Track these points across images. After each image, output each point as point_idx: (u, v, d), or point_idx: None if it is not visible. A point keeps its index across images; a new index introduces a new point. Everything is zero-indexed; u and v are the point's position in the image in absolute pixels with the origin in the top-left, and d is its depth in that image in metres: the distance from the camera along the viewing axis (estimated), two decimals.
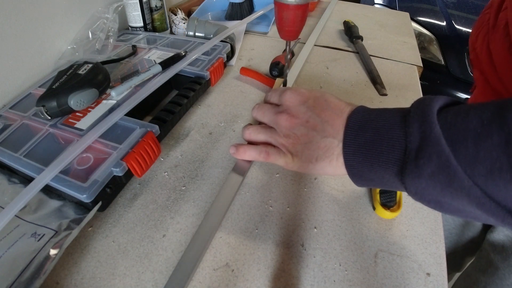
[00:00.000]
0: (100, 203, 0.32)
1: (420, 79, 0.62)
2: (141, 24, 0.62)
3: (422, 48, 1.52)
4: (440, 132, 0.21)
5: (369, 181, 0.26)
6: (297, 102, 0.30)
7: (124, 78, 0.46)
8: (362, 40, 0.71)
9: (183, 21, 0.70)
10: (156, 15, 0.64)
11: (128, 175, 0.34)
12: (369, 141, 0.25)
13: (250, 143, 0.35)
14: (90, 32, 0.54)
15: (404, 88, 0.57)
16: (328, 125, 0.28)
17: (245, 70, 0.58)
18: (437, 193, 0.22)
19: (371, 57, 0.65)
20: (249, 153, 0.34)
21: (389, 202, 0.34)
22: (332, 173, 0.29)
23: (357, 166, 0.26)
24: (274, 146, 0.33)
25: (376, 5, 1.94)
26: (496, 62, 0.44)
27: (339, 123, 0.27)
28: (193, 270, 0.28)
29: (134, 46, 0.56)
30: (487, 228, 0.57)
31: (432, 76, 1.46)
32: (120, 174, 0.33)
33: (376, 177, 0.25)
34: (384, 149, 0.24)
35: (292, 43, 0.67)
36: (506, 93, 0.43)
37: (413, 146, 0.22)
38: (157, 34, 0.62)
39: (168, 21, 0.68)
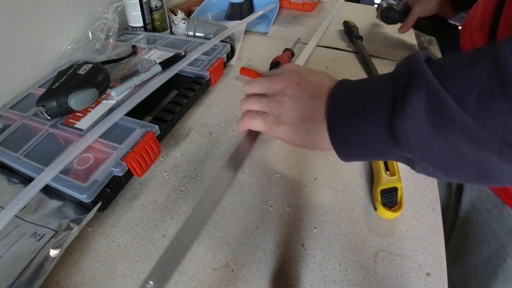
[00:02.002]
0: (100, 203, 0.32)
1: None
2: (141, 24, 0.62)
3: (422, 48, 1.52)
4: (428, 68, 0.21)
5: (353, 148, 0.25)
6: (292, 69, 0.32)
7: (124, 78, 0.46)
8: (362, 40, 0.71)
9: (183, 21, 0.70)
10: (156, 15, 0.64)
11: (128, 175, 0.34)
12: (355, 96, 0.24)
13: None
14: (90, 32, 0.54)
15: None
16: (317, 88, 0.28)
17: (245, 70, 0.58)
18: (429, 134, 0.20)
19: (371, 57, 0.65)
20: (240, 123, 0.33)
21: (391, 202, 0.34)
22: (315, 143, 0.28)
23: (341, 126, 0.25)
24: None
25: (376, 5, 1.94)
26: (473, 32, 0.50)
27: (328, 86, 0.28)
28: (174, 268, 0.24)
29: (134, 46, 0.56)
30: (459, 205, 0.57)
31: None
32: (120, 174, 0.33)
33: (361, 139, 0.24)
34: (372, 100, 0.23)
35: (293, 43, 0.67)
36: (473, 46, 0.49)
37: (401, 84, 0.22)
38: (157, 34, 0.62)
39: (168, 21, 0.68)
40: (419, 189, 0.38)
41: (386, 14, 0.69)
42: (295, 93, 0.29)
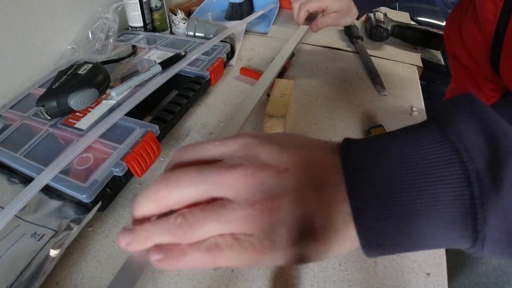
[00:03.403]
0: (100, 203, 0.32)
1: (420, 79, 0.62)
2: (141, 24, 0.62)
3: (422, 48, 1.52)
4: None
5: (394, 248, 0.16)
6: (258, 144, 0.18)
7: (124, 78, 0.46)
8: (362, 40, 0.71)
9: (183, 21, 0.70)
10: (156, 15, 0.64)
11: (128, 175, 0.34)
12: (392, 180, 0.15)
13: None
14: (90, 32, 0.54)
15: (404, 88, 0.57)
16: (320, 167, 0.17)
17: (245, 70, 0.58)
18: None
19: (371, 57, 0.65)
20: (191, 258, 0.17)
21: None
22: (343, 251, 0.17)
23: (378, 229, 0.15)
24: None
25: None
26: (465, 38, 0.47)
27: (334, 161, 0.17)
28: None
29: (134, 46, 0.56)
30: None
31: (432, 76, 1.46)
32: (120, 174, 0.33)
33: (413, 238, 0.15)
34: (427, 185, 0.15)
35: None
36: (474, 64, 0.46)
37: (480, 163, 0.14)
38: (157, 34, 0.62)
39: (168, 21, 0.68)
40: None
41: (375, 33, 0.71)
42: (292, 189, 0.16)
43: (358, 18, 0.57)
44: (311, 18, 0.58)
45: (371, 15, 0.74)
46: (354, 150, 0.17)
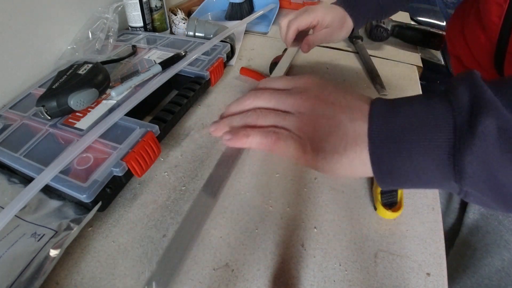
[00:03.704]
0: (100, 203, 0.32)
1: (420, 79, 0.62)
2: (141, 24, 0.62)
3: (422, 48, 1.52)
4: (494, 96, 0.19)
5: (399, 178, 0.22)
6: (317, 84, 0.27)
7: (124, 78, 0.46)
8: (362, 40, 0.71)
9: (183, 21, 0.70)
10: (156, 15, 0.64)
11: (128, 175, 0.34)
12: (402, 122, 0.21)
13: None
14: (90, 32, 0.54)
15: (404, 88, 0.57)
16: (356, 108, 0.24)
17: (245, 70, 0.58)
18: (499, 169, 0.18)
19: (371, 57, 0.65)
20: (253, 138, 0.26)
21: (391, 202, 0.34)
22: (355, 172, 0.23)
23: (387, 157, 0.21)
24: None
25: None
26: (468, 40, 0.47)
27: (365, 107, 0.24)
28: None
29: (134, 46, 0.56)
30: (464, 210, 0.57)
31: (431, 76, 1.46)
32: (120, 174, 0.33)
33: (411, 171, 0.21)
34: (426, 128, 0.20)
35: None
36: (477, 66, 0.46)
37: (463, 113, 0.19)
38: (157, 34, 0.62)
39: (168, 21, 0.68)
40: (419, 189, 0.38)
41: (375, 33, 0.71)
42: (333, 115, 0.24)
43: (352, 32, 0.52)
44: (300, 36, 0.51)
45: None
46: (380, 103, 0.24)
